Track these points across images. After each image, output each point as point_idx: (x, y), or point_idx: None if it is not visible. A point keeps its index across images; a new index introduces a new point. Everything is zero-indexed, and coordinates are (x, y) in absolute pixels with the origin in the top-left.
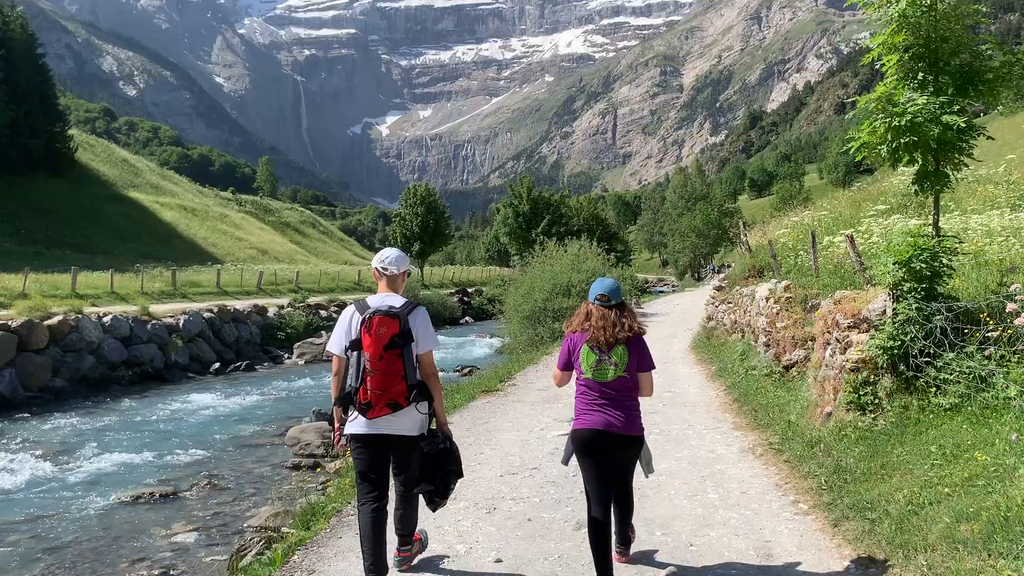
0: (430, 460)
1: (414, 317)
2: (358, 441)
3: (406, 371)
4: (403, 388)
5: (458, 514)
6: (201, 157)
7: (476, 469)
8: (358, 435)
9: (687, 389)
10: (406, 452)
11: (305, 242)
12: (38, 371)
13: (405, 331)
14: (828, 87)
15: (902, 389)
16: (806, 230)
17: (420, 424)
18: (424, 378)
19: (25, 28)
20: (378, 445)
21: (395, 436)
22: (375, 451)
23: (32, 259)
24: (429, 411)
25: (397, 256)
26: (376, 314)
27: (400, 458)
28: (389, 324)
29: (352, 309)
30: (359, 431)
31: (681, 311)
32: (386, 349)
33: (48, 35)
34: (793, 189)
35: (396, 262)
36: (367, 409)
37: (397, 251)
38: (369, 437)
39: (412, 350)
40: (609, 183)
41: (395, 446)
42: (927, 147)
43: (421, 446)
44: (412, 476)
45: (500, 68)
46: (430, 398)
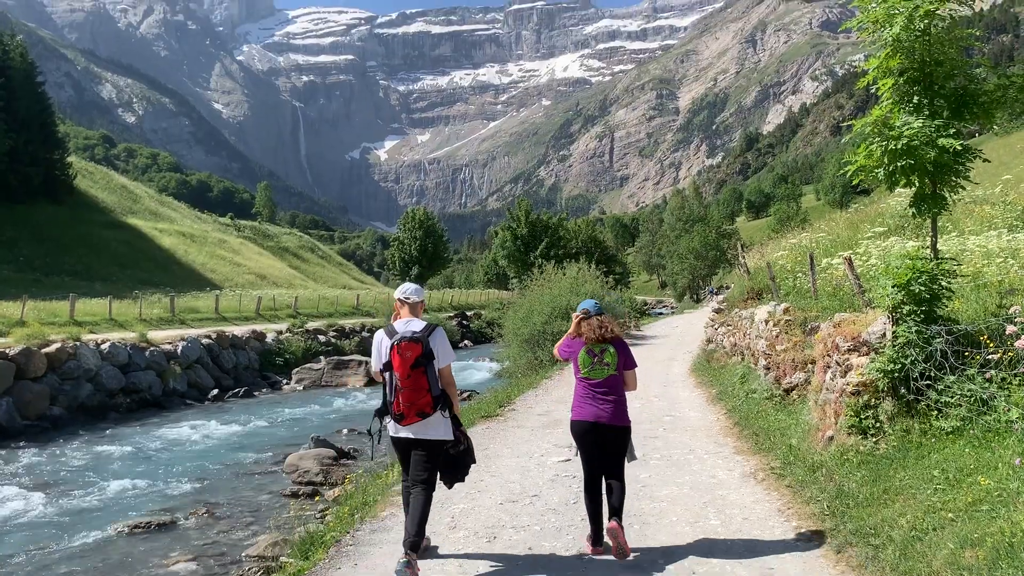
0: (454, 459)
1: (434, 338)
2: (397, 443)
3: (430, 385)
4: (429, 399)
5: (458, 543)
6: (200, 183)
7: (476, 497)
8: (397, 439)
9: (687, 413)
10: (435, 451)
11: (304, 267)
12: (36, 399)
13: (427, 351)
14: (823, 109)
15: (903, 412)
16: (804, 252)
17: (446, 427)
18: (444, 387)
19: (25, 57)
20: (411, 447)
21: (426, 439)
22: (408, 450)
23: (31, 286)
24: (451, 417)
25: (416, 289)
26: (403, 340)
27: (431, 457)
28: (413, 348)
29: (382, 334)
30: (398, 435)
31: (680, 333)
32: (412, 368)
33: (48, 63)
34: (791, 210)
35: (416, 293)
36: (401, 418)
37: (415, 285)
38: (406, 440)
39: (434, 366)
40: (607, 205)
41: (428, 447)
42: (923, 170)
43: (449, 450)
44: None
45: (497, 93)
46: (447, 405)
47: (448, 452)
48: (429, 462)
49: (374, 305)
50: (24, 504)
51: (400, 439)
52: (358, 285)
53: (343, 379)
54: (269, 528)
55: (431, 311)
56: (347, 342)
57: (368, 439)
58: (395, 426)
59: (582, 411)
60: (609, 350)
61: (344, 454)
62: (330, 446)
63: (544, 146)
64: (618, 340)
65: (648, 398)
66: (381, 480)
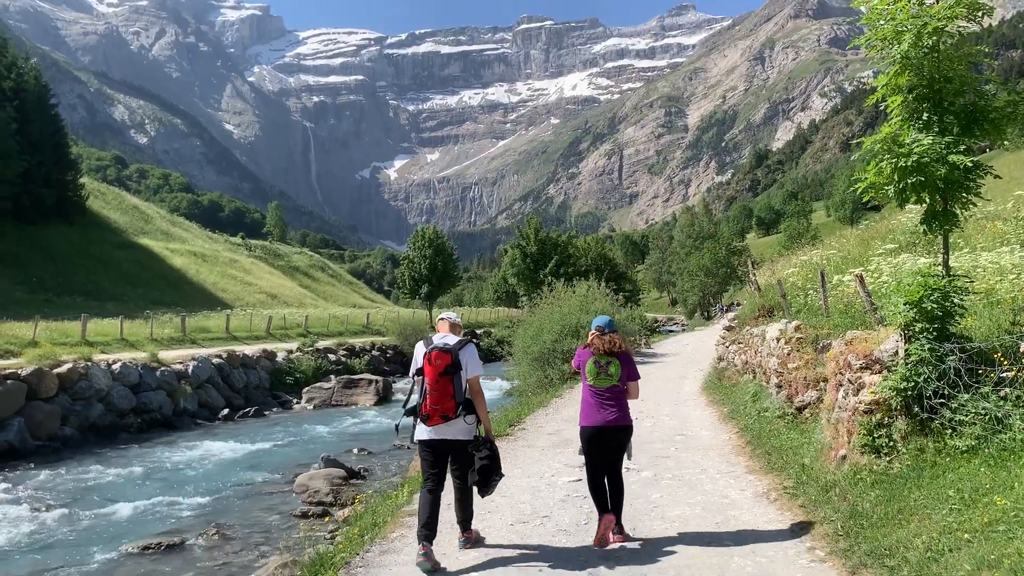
0: (482, 467)
1: (463, 352)
2: (422, 443)
3: (455, 391)
4: (452, 404)
5: (468, 564)
6: (211, 203)
7: (486, 518)
8: (421, 439)
9: (699, 432)
10: (458, 451)
11: (314, 286)
12: (47, 420)
13: (456, 362)
14: (833, 125)
15: (917, 431)
16: (815, 269)
17: (467, 431)
18: (471, 396)
19: (39, 80)
20: (436, 446)
21: (448, 440)
22: (433, 449)
23: (43, 306)
24: (475, 422)
25: (454, 314)
26: (435, 349)
27: (455, 456)
28: (443, 357)
29: (421, 344)
30: (422, 436)
31: (691, 351)
32: (440, 375)
33: (61, 86)
34: (801, 227)
35: (454, 316)
36: (427, 419)
37: (455, 313)
38: (429, 441)
39: (462, 376)
40: (616, 223)
41: (449, 447)
42: (934, 187)
43: (469, 450)
44: (465, 471)
45: (506, 111)
46: (473, 410)
47: (470, 452)
48: (459, 460)
49: (384, 324)
50: (35, 524)
51: (425, 441)
52: (368, 304)
53: (353, 398)
54: (279, 549)
55: None
56: (357, 361)
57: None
58: (422, 428)
59: (589, 418)
60: (614, 362)
61: (354, 474)
62: (340, 466)
63: (553, 164)
64: (624, 354)
65: (659, 417)
66: (391, 500)
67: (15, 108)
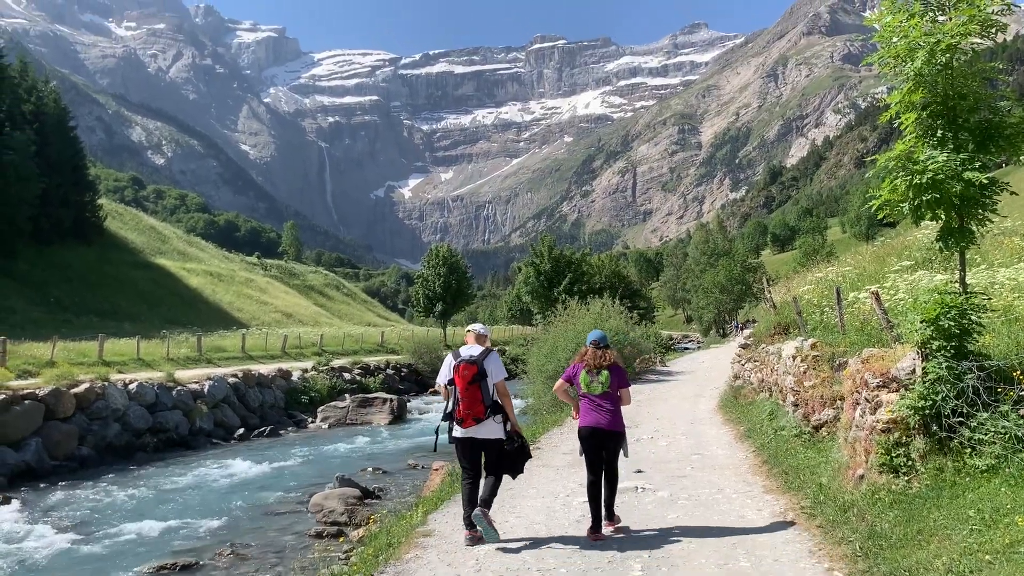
0: (512, 455)
1: (488, 361)
2: (458, 442)
3: (483, 397)
4: (482, 408)
5: None
6: (227, 223)
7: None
8: (457, 438)
9: (715, 451)
10: (490, 449)
11: (329, 304)
12: (64, 439)
13: (481, 371)
14: (847, 141)
15: (936, 450)
16: (830, 286)
17: (497, 430)
18: (499, 398)
19: (58, 103)
20: (470, 445)
21: (480, 439)
22: (468, 448)
23: (60, 326)
24: (503, 421)
25: (482, 325)
26: (463, 362)
27: (488, 453)
28: (470, 368)
29: (450, 356)
30: (458, 436)
31: (707, 369)
32: (469, 384)
33: (80, 108)
34: (816, 243)
35: (481, 327)
36: (461, 422)
37: (481, 324)
38: (463, 440)
39: (489, 382)
40: (630, 240)
41: (482, 445)
42: (950, 204)
43: (504, 447)
44: (495, 465)
45: (520, 130)
46: (503, 412)
47: (506, 449)
48: (492, 456)
49: (398, 342)
50: (52, 545)
51: (460, 439)
52: (383, 322)
53: (368, 417)
54: (293, 570)
55: (455, 347)
56: (372, 379)
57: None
58: (458, 428)
59: (586, 419)
60: (604, 372)
61: (369, 494)
62: (355, 485)
63: (566, 182)
64: (614, 366)
65: (675, 436)
66: (406, 521)
67: (35, 131)
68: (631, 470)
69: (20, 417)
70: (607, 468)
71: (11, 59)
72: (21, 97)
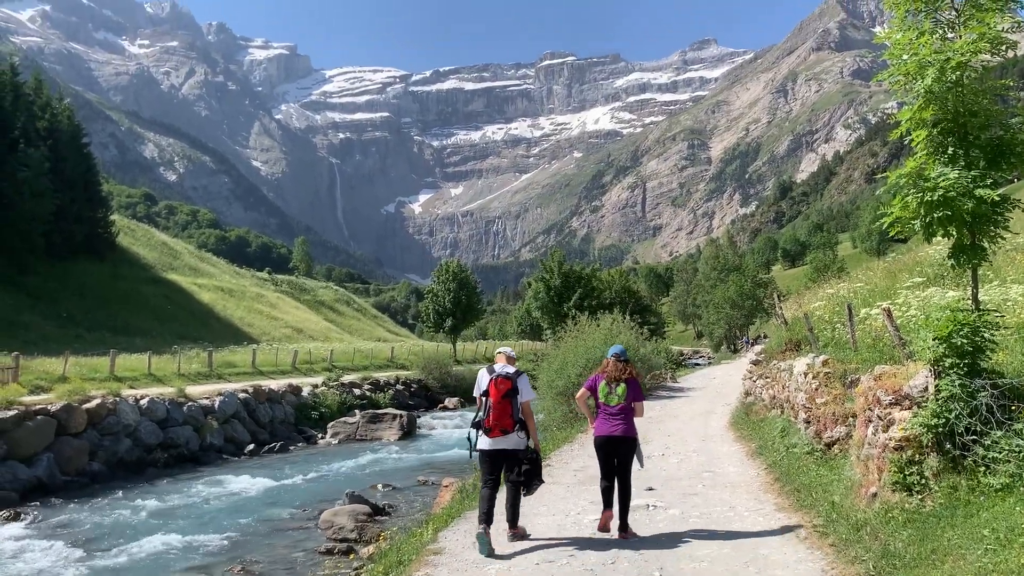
0: (527, 470)
1: (520, 380)
2: (482, 451)
3: (513, 411)
4: (511, 422)
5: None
6: (239, 239)
7: (511, 557)
8: (482, 450)
9: (727, 468)
10: (511, 459)
11: (339, 320)
12: (76, 455)
13: (514, 387)
14: (857, 156)
15: (949, 469)
16: (842, 302)
17: (519, 443)
18: (524, 416)
19: (72, 120)
20: (494, 455)
21: (505, 450)
22: (492, 458)
23: (73, 342)
24: (526, 436)
25: (510, 348)
26: (499, 376)
27: (509, 463)
28: (505, 383)
29: (484, 371)
30: (484, 447)
31: (718, 384)
32: (503, 397)
33: (93, 124)
34: (827, 259)
35: (510, 351)
36: (488, 432)
37: (509, 347)
38: (489, 451)
39: (517, 399)
40: (640, 255)
41: (504, 456)
42: (961, 221)
43: (522, 460)
44: (516, 475)
45: (529, 146)
46: (526, 428)
47: (523, 461)
48: (514, 466)
49: (408, 358)
50: (63, 560)
51: (486, 450)
52: (392, 337)
53: (377, 433)
54: None
55: (465, 363)
56: (381, 395)
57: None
58: (484, 439)
59: (601, 428)
60: (622, 385)
61: (379, 510)
62: (365, 502)
63: (576, 197)
64: (631, 380)
65: (686, 453)
66: (416, 538)
67: (49, 147)
68: (642, 487)
69: (32, 433)
70: (620, 479)
71: (26, 77)
72: (36, 114)
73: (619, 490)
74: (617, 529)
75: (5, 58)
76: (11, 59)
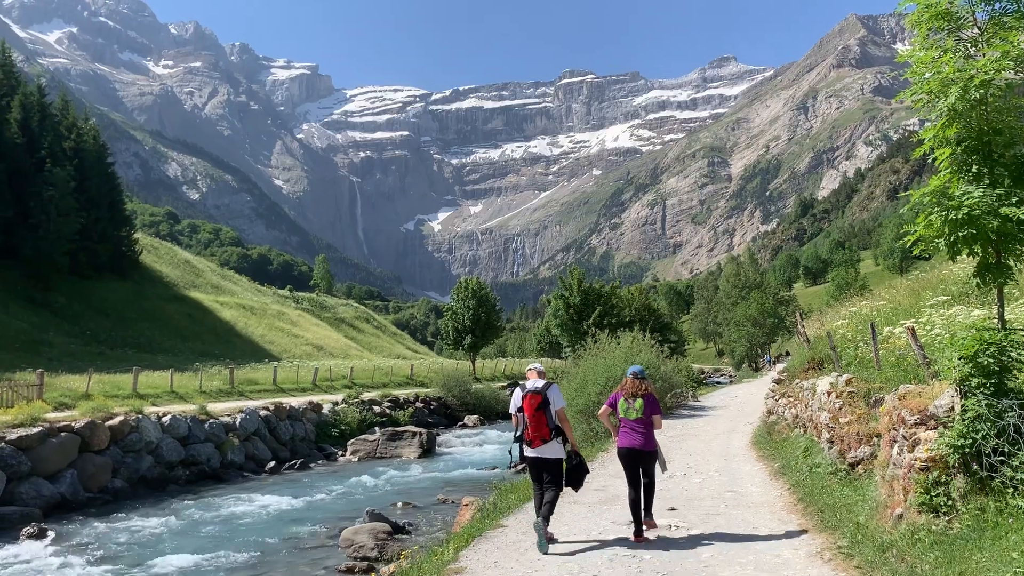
0: (571, 470)
1: (550, 391)
2: (527, 461)
3: (548, 420)
4: (547, 431)
5: None
6: (260, 257)
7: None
8: (526, 457)
9: (749, 488)
10: (552, 467)
11: (359, 337)
12: (98, 472)
13: (545, 400)
14: (879, 173)
15: (976, 490)
16: (864, 320)
17: (559, 451)
18: (559, 423)
19: (97, 139)
20: (537, 463)
21: (545, 458)
22: (536, 466)
23: (96, 359)
24: (564, 442)
25: (540, 364)
26: (530, 392)
27: (550, 471)
28: (536, 398)
29: (518, 390)
30: (528, 455)
31: (739, 403)
32: (536, 410)
33: (118, 144)
34: (849, 276)
35: (539, 366)
36: (530, 443)
37: (539, 363)
38: (531, 459)
39: (551, 409)
40: (660, 273)
41: (547, 463)
42: (986, 239)
43: (565, 464)
44: (557, 481)
45: (548, 164)
46: (563, 435)
47: (567, 466)
48: (554, 473)
49: (427, 375)
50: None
51: (529, 458)
52: (412, 355)
53: (397, 451)
54: None
55: (484, 380)
56: (401, 413)
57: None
58: (527, 449)
59: (623, 441)
60: (640, 400)
61: (399, 529)
62: (385, 520)
63: (595, 214)
64: (649, 395)
65: (709, 473)
66: (437, 557)
67: (75, 167)
68: (664, 507)
69: (56, 449)
70: (646, 481)
71: (53, 97)
72: (62, 134)
73: (645, 490)
74: (643, 515)
75: (33, 79)
76: (39, 80)
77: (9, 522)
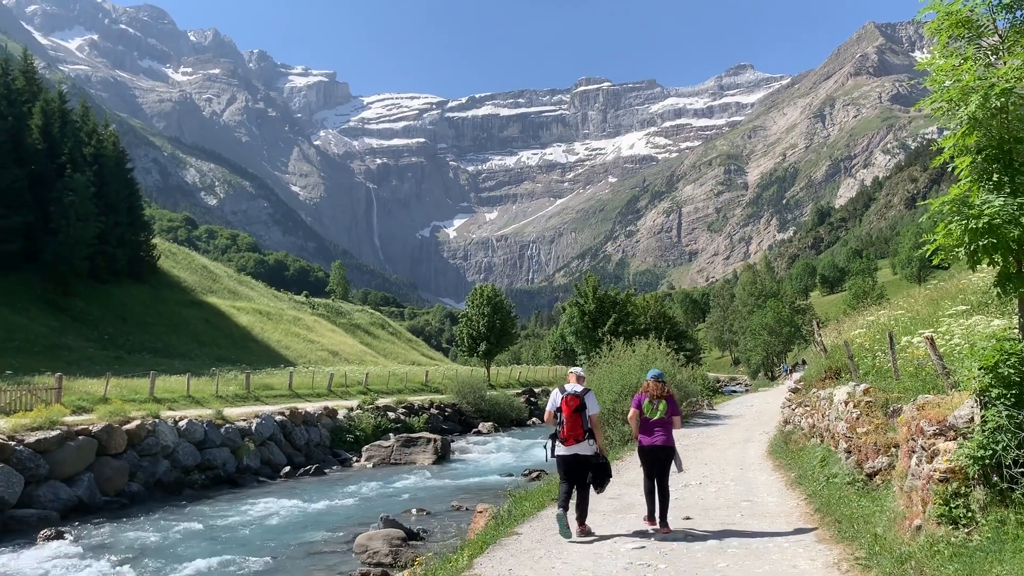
0: (597, 470)
1: (587, 397)
2: (560, 458)
3: (583, 423)
4: (582, 432)
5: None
6: (277, 262)
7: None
8: (560, 455)
9: (766, 498)
10: (585, 463)
11: (375, 343)
12: (115, 475)
13: (583, 403)
14: (897, 182)
15: (997, 502)
16: (883, 330)
17: (590, 449)
18: (592, 427)
19: (116, 145)
20: (570, 459)
21: (580, 455)
22: (567, 462)
23: (114, 363)
24: (594, 443)
25: (580, 369)
26: (569, 394)
27: (581, 467)
28: (575, 400)
29: (556, 391)
30: (561, 453)
31: (756, 412)
32: (573, 412)
33: (136, 150)
34: (866, 285)
35: (580, 370)
36: (564, 441)
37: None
38: (566, 456)
39: (586, 412)
40: (675, 281)
41: (580, 461)
42: (1007, 249)
43: (592, 463)
44: (588, 477)
45: (564, 171)
46: (594, 436)
47: (594, 465)
48: (585, 470)
49: (442, 382)
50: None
51: (563, 456)
52: (427, 361)
53: (412, 457)
54: None
55: (499, 387)
56: (416, 419)
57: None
58: (561, 446)
59: (644, 439)
60: (663, 402)
61: (413, 535)
62: (399, 526)
63: (611, 222)
64: (670, 396)
65: (725, 482)
66: (451, 564)
67: (94, 172)
68: (680, 517)
69: (74, 453)
70: (659, 485)
71: (74, 104)
72: (82, 140)
73: (659, 492)
74: (659, 523)
75: (54, 86)
76: (59, 87)
77: (27, 524)
